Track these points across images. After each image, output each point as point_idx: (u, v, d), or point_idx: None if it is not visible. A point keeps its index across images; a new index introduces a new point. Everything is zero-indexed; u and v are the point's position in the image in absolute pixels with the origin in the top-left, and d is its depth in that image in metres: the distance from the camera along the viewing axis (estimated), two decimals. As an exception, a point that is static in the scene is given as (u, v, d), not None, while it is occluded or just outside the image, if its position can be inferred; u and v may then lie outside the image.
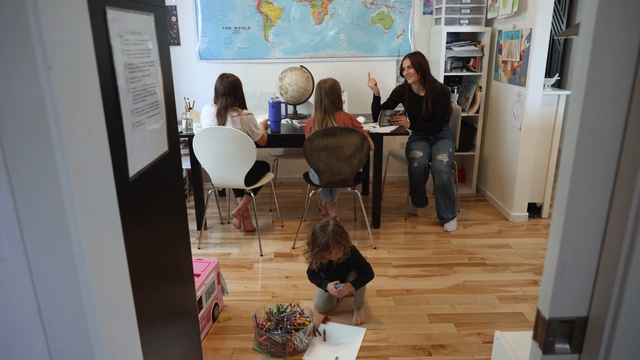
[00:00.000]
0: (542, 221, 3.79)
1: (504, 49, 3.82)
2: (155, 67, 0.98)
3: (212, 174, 3.18)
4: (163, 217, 1.07)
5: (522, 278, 2.90)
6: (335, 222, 2.41)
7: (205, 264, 2.49)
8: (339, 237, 2.34)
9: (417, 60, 3.48)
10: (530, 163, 3.62)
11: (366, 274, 2.48)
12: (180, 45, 4.44)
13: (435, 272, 3.00)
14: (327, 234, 2.33)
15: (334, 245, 2.33)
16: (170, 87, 1.10)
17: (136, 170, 0.87)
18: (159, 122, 0.99)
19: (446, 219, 3.63)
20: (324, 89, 3.10)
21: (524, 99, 3.48)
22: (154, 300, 1.04)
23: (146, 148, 0.91)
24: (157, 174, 1.01)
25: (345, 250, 2.39)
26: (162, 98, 1.03)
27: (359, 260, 2.50)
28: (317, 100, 3.14)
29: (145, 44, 0.92)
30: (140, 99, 0.88)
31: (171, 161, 1.10)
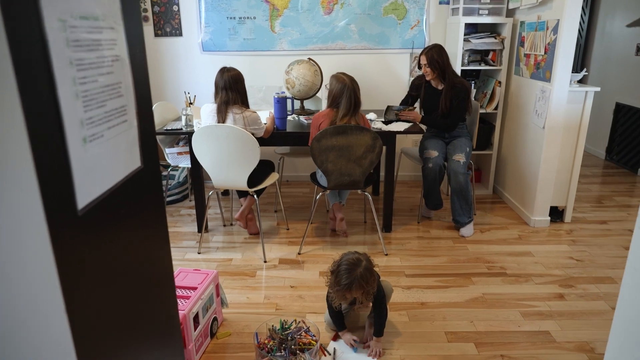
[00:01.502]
0: (564, 226, 3.55)
1: (526, 41, 3.56)
2: (122, 62, 0.77)
3: (213, 174, 2.98)
4: (134, 253, 0.86)
5: (546, 291, 2.68)
6: (367, 264, 2.06)
7: (203, 275, 2.29)
8: (365, 282, 2.00)
9: (434, 58, 3.24)
10: (554, 164, 3.38)
11: (381, 312, 2.19)
12: (182, 36, 4.22)
13: (451, 282, 2.78)
14: (353, 276, 1.99)
15: (357, 289, 2.01)
16: (145, 86, 0.88)
17: (89, 199, 0.66)
18: (126, 131, 0.78)
19: (462, 223, 3.40)
20: (353, 87, 2.88)
21: (549, 96, 3.23)
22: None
23: (106, 168, 0.70)
24: (125, 198, 0.80)
25: (368, 296, 2.07)
26: (131, 101, 0.81)
27: (379, 291, 2.17)
28: (349, 94, 2.87)
29: (105, 32, 0.71)
30: (97, 104, 0.67)
31: (146, 179, 0.89)
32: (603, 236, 3.38)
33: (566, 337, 2.28)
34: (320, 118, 2.95)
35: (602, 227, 3.53)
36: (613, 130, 5.20)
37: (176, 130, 3.25)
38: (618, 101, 5.08)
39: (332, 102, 2.94)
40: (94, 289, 0.71)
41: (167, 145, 3.56)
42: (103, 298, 0.74)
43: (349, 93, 2.86)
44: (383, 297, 2.19)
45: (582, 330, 2.33)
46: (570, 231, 3.46)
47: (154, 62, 4.31)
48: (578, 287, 2.72)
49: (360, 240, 3.33)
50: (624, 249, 3.17)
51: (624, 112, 5.02)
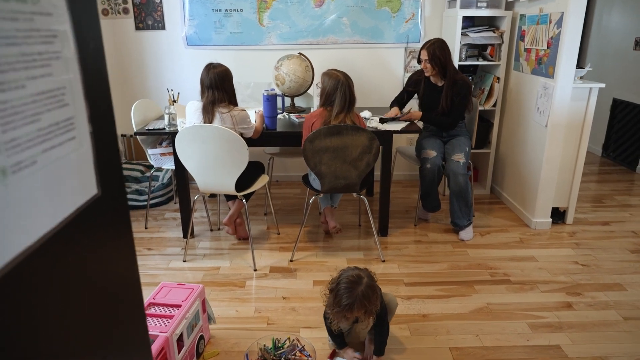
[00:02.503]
0: (566, 228, 3.41)
1: (527, 35, 3.41)
2: (65, 60, 0.58)
3: (198, 178, 2.78)
4: (86, 315, 0.66)
5: (553, 300, 2.53)
6: (368, 281, 1.87)
7: (188, 291, 2.10)
8: (367, 302, 1.83)
9: (436, 54, 3.07)
10: (556, 164, 3.23)
11: (382, 329, 2.02)
12: (165, 29, 4.00)
13: (453, 291, 2.62)
14: (354, 295, 1.82)
15: (358, 309, 1.83)
16: (103, 90, 0.70)
17: (11, 254, 0.47)
18: (75, 152, 0.59)
19: (461, 226, 3.25)
20: (348, 83, 2.69)
21: (552, 93, 3.08)
22: None
23: (39, 206, 0.51)
24: (72, 240, 0.61)
25: (370, 315, 1.90)
26: (82, 111, 0.62)
27: (382, 309, 1.99)
28: (343, 90, 2.68)
29: (38, 20, 0.52)
30: (25, 120, 0.48)
31: (106, 208, 0.70)
32: (607, 238, 3.25)
33: (579, 352, 2.13)
34: (313, 118, 2.76)
35: (605, 228, 3.40)
36: (610, 126, 5.08)
37: (158, 130, 3.04)
38: (615, 97, 4.96)
39: (325, 100, 2.75)
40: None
41: (150, 145, 3.35)
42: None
43: (343, 89, 2.67)
44: (385, 315, 2.02)
45: (595, 343, 2.18)
46: (573, 233, 3.32)
47: (135, 57, 4.08)
48: (586, 294, 2.58)
49: (355, 245, 3.16)
50: (630, 252, 3.04)
51: (621, 108, 4.90)
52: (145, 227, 3.45)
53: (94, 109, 0.65)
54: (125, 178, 3.84)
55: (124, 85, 4.16)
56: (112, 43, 4.03)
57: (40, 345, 0.53)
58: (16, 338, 0.48)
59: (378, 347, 2.02)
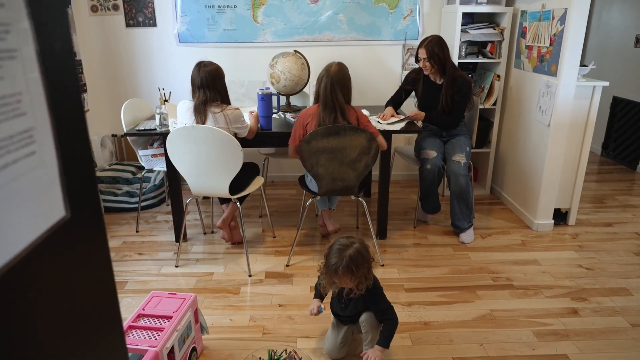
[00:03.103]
0: (568, 229, 3.34)
1: (528, 32, 3.32)
2: (21, 60, 0.48)
3: (191, 180, 2.68)
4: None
5: (559, 305, 2.45)
6: (359, 246, 1.87)
7: (179, 301, 2.00)
8: (354, 266, 1.81)
9: (435, 51, 2.98)
10: (559, 164, 3.16)
11: (389, 325, 1.95)
12: (156, 26, 3.88)
13: (455, 297, 2.53)
14: (342, 257, 1.82)
15: (345, 274, 1.83)
16: (74, 97, 0.60)
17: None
18: (35, 170, 0.49)
19: (462, 229, 3.16)
20: (332, 77, 2.55)
21: (555, 91, 3.00)
22: None
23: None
24: (33, 275, 0.51)
25: (360, 285, 1.88)
26: (44, 121, 0.52)
27: (380, 302, 1.97)
28: (325, 92, 2.55)
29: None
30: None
31: (78, 231, 0.61)
32: (610, 240, 3.17)
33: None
34: (307, 117, 2.66)
35: (608, 230, 3.33)
36: (610, 124, 5.02)
37: (149, 131, 2.94)
38: (615, 95, 4.89)
39: (315, 96, 2.66)
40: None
41: (140, 146, 3.24)
42: None
43: (324, 83, 2.56)
44: (388, 309, 1.96)
45: (604, 352, 2.10)
46: (576, 235, 3.25)
47: (126, 55, 3.96)
48: (592, 300, 2.50)
49: (354, 249, 3.06)
50: (634, 255, 2.97)
51: (621, 107, 4.84)
52: (137, 231, 3.35)
53: (60, 119, 0.55)
54: (116, 179, 3.73)
55: (114, 84, 4.04)
56: (101, 41, 3.91)
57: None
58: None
59: (384, 340, 1.92)
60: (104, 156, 4.01)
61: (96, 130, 4.02)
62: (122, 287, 2.66)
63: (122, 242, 3.19)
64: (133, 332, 1.84)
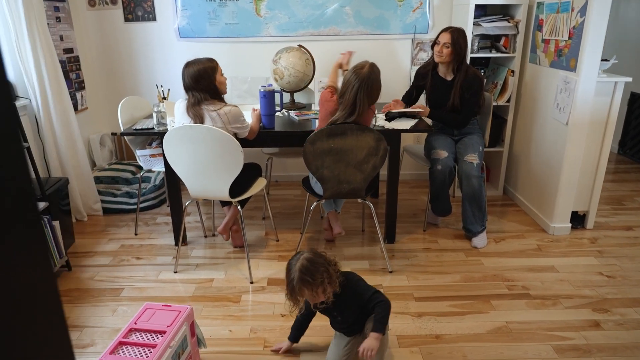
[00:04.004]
0: (586, 233, 3.17)
1: (545, 25, 3.15)
2: None
3: (189, 183, 2.54)
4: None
5: (579, 317, 2.30)
6: (308, 254, 1.78)
7: (174, 313, 1.87)
8: (309, 276, 1.72)
9: (458, 41, 2.83)
10: (577, 165, 2.99)
11: (380, 308, 1.81)
12: (155, 21, 3.75)
13: (468, 307, 2.39)
14: (293, 272, 1.75)
15: (302, 287, 1.73)
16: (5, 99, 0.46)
17: None
18: None
19: (474, 233, 3.01)
20: (361, 80, 2.34)
21: (574, 87, 2.83)
22: None
23: None
24: None
25: (326, 292, 1.76)
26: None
27: (362, 292, 1.84)
28: (350, 96, 2.35)
29: None
30: None
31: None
32: (631, 245, 3.01)
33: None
34: (329, 101, 2.50)
35: (629, 234, 3.16)
36: (627, 121, 4.82)
37: (147, 130, 2.81)
38: (633, 91, 4.69)
39: (340, 94, 2.47)
40: None
41: (138, 146, 3.11)
42: None
43: (352, 86, 2.35)
44: (373, 294, 1.83)
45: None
46: (595, 240, 3.08)
47: (125, 51, 3.83)
48: (614, 311, 2.34)
49: (359, 254, 2.93)
50: (658, 261, 2.81)
51: (639, 103, 4.64)
52: (135, 234, 3.23)
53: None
54: (115, 180, 3.61)
55: (113, 81, 3.92)
56: (99, 36, 3.78)
57: None
58: None
59: (379, 326, 1.78)
60: (103, 155, 3.89)
61: (95, 128, 3.90)
62: (118, 294, 2.54)
63: (119, 246, 3.07)
64: (123, 349, 1.72)
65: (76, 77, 3.62)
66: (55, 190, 2.91)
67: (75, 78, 3.61)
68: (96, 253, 2.98)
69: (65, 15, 3.50)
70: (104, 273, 2.75)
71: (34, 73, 2.94)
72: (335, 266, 1.82)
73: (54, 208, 2.88)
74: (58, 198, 2.96)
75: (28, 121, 3.08)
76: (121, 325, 2.26)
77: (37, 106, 3.03)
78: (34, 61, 2.92)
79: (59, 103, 3.12)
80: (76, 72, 3.62)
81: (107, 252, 3.00)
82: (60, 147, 3.18)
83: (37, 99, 3.01)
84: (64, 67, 3.45)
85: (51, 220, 2.57)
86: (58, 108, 3.11)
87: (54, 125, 3.13)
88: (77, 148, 3.29)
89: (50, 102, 3.06)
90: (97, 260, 2.89)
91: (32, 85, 2.98)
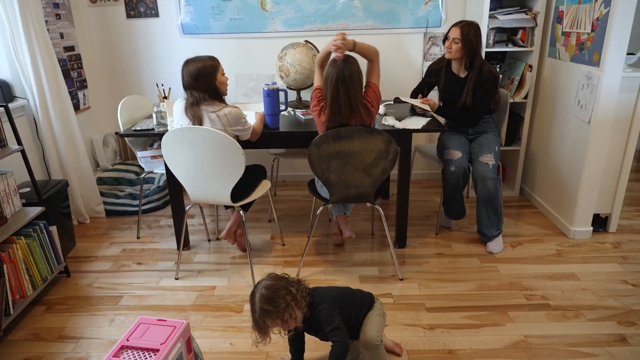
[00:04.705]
0: (609, 237, 3.00)
1: (565, 17, 2.97)
2: None
3: (188, 187, 2.43)
4: None
5: (603, 331, 2.14)
6: (267, 281, 1.65)
7: (169, 329, 1.76)
8: (270, 305, 1.59)
9: (469, 36, 2.67)
10: (600, 165, 2.82)
11: (334, 349, 1.68)
12: (158, 17, 3.63)
13: (484, 319, 2.25)
14: (254, 304, 1.63)
15: (265, 318, 1.60)
16: None
17: None
18: None
19: (489, 237, 2.86)
20: (344, 70, 2.19)
21: (597, 83, 2.65)
22: None
23: None
24: None
25: (293, 315, 1.63)
26: None
27: (323, 322, 1.70)
28: (334, 88, 2.21)
29: None
30: None
31: None
32: (657, 250, 2.84)
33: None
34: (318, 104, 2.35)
35: (655, 238, 2.98)
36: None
37: (146, 131, 2.70)
38: (657, 85, 4.47)
39: (329, 97, 2.33)
40: None
41: (139, 147, 3.01)
42: None
43: (336, 84, 2.20)
44: (333, 330, 1.68)
45: (661, 393, 1.80)
46: (618, 244, 2.91)
47: (127, 48, 3.73)
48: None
49: (368, 259, 2.80)
50: (687, 268, 2.63)
51: (664, 97, 4.42)
52: (137, 237, 3.13)
53: None
54: (119, 181, 3.52)
55: (116, 79, 3.82)
56: (101, 33, 3.68)
57: None
58: None
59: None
60: (106, 155, 3.80)
61: (98, 128, 3.81)
62: (117, 302, 2.44)
63: (121, 250, 2.98)
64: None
65: (78, 75, 3.53)
66: (54, 192, 2.82)
67: (76, 77, 3.51)
68: (97, 258, 2.90)
69: (66, 12, 3.40)
70: (103, 279, 2.66)
71: (31, 72, 2.85)
72: (300, 285, 1.69)
73: (54, 211, 2.79)
74: (58, 200, 2.88)
75: (27, 122, 3.00)
76: (117, 336, 2.16)
77: (35, 106, 2.94)
78: (31, 60, 2.83)
79: (58, 103, 3.03)
80: (78, 70, 3.53)
81: (108, 256, 2.91)
82: (61, 148, 3.09)
83: (35, 99, 2.92)
84: (65, 65, 3.36)
85: (48, 226, 2.48)
86: (57, 108, 3.02)
87: (53, 126, 3.04)
88: (78, 149, 3.20)
89: (49, 101, 2.97)
90: (97, 266, 2.80)
91: (30, 85, 2.89)
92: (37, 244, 2.38)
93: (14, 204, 2.40)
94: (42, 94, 2.94)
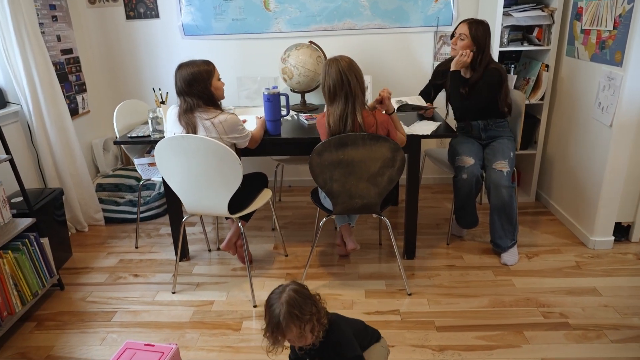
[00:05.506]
0: (631, 247, 2.82)
1: (585, 13, 2.79)
2: None
3: (184, 198, 2.31)
4: None
5: (628, 354, 1.98)
6: (295, 286, 1.49)
7: (156, 355, 1.64)
8: (297, 310, 1.42)
9: (477, 34, 2.52)
10: (623, 172, 2.64)
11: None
12: (158, 18, 3.52)
13: (498, 340, 2.09)
14: (279, 305, 1.44)
15: (289, 323, 1.42)
16: None
17: None
18: None
19: (504, 248, 2.70)
20: (343, 66, 2.09)
21: (620, 84, 2.48)
22: None
23: None
24: None
25: (314, 330, 1.46)
26: None
27: (345, 349, 1.53)
28: (337, 84, 2.09)
29: None
30: None
31: None
32: (685, 262, 2.65)
33: None
34: (323, 120, 2.23)
35: (681, 248, 2.80)
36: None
37: (141, 138, 2.59)
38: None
39: (327, 99, 2.20)
40: None
41: (137, 154, 2.90)
42: None
43: (338, 80, 2.09)
44: (340, 342, 1.52)
45: None
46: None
47: (127, 50, 3.62)
48: (671, 347, 2.02)
49: (375, 272, 2.65)
50: None
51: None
52: (136, 247, 3.02)
53: None
54: (118, 187, 3.42)
55: (116, 82, 3.72)
56: (100, 34, 3.58)
57: None
58: None
59: None
60: (107, 160, 3.70)
61: (98, 132, 3.71)
62: (110, 318, 2.33)
63: (118, 261, 2.87)
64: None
65: (76, 79, 3.43)
66: (48, 201, 2.72)
67: (75, 80, 3.42)
68: (93, 269, 2.79)
69: (63, 13, 3.31)
70: (98, 293, 2.55)
71: (24, 77, 2.75)
72: (321, 302, 1.53)
73: (48, 220, 2.69)
74: (53, 209, 2.78)
75: (20, 128, 2.90)
76: (107, 357, 2.04)
77: (29, 112, 2.84)
78: (24, 64, 2.73)
79: (53, 108, 2.93)
80: (76, 73, 3.43)
81: (105, 268, 2.80)
82: (56, 154, 2.99)
83: (28, 105, 2.82)
84: (63, 68, 3.26)
85: (39, 238, 2.38)
86: (52, 113, 2.92)
87: (48, 132, 2.94)
88: (75, 155, 3.10)
89: (43, 107, 2.87)
90: (92, 278, 2.70)
91: (23, 90, 2.79)
92: (27, 258, 2.28)
93: (4, 215, 2.29)
94: (36, 99, 2.84)
